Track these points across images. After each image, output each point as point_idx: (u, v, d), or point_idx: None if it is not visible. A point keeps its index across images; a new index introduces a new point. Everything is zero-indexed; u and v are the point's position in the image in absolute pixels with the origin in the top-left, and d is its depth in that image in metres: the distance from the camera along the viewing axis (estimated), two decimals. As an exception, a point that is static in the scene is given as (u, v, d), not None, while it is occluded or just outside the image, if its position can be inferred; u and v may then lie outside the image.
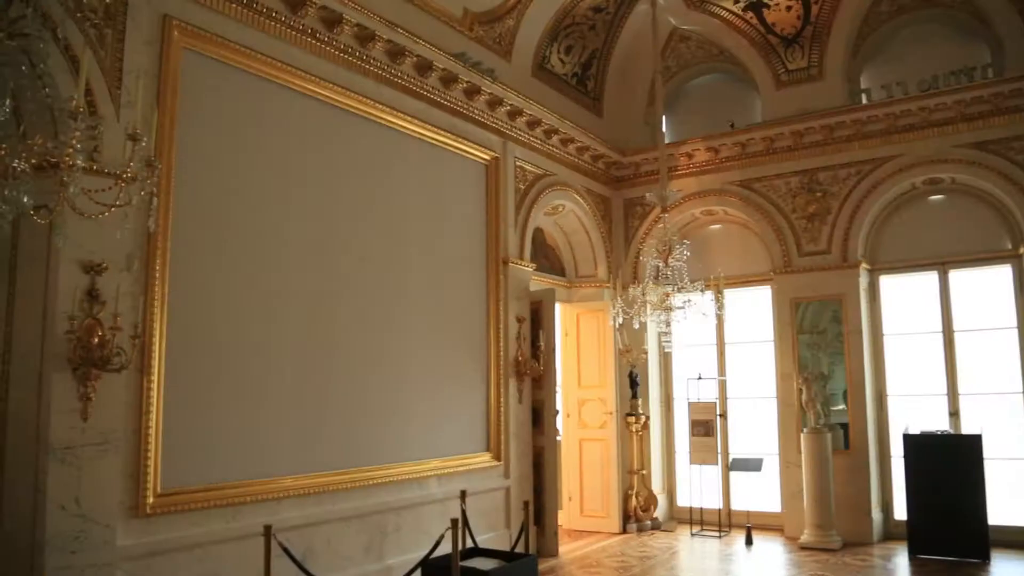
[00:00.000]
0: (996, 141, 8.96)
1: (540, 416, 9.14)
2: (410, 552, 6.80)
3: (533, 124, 9.22)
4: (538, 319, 9.19)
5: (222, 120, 5.82)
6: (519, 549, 7.12)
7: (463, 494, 7.10)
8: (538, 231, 10.07)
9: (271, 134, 6.20)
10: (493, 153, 8.70)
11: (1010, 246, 9.17)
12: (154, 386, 5.12)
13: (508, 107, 8.73)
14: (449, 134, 8.05)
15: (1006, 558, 8.24)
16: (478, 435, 8.24)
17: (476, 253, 8.46)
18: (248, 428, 5.79)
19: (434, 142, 7.90)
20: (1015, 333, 9.04)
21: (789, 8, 9.89)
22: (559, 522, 9.33)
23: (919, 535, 8.47)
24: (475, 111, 8.40)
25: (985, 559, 8.13)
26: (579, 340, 10.67)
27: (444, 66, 7.71)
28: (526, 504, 7.52)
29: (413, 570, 6.06)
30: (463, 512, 6.85)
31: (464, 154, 8.33)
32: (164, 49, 5.35)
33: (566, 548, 9.08)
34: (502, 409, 8.45)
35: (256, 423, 5.86)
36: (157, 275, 5.19)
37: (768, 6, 9.95)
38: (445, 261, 7.95)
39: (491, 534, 7.98)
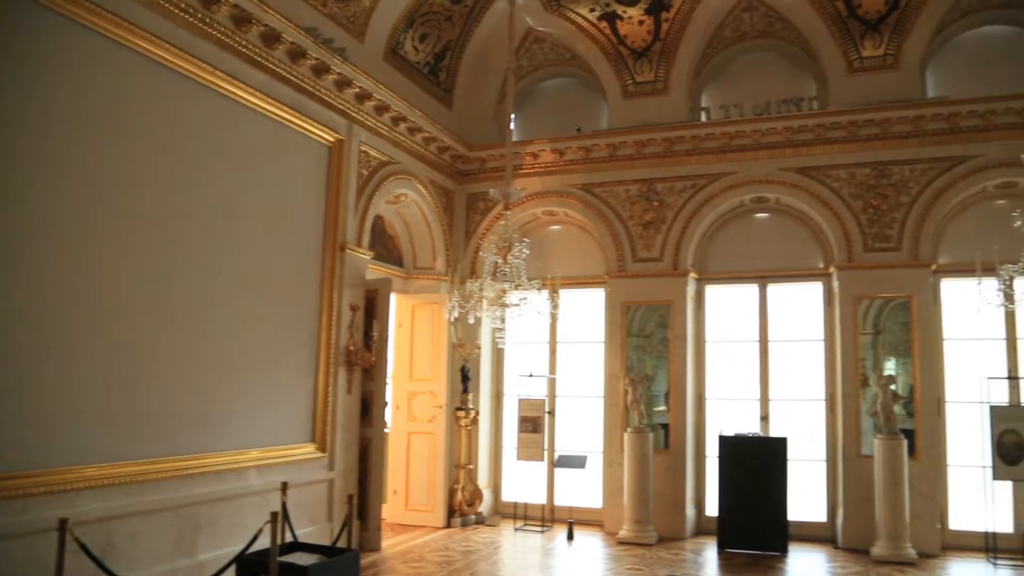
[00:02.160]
0: (816, 168, 9.67)
1: (369, 407, 8.93)
2: (225, 547, 6.43)
3: (381, 109, 9.00)
4: (373, 309, 8.98)
5: (39, 69, 5.22)
6: (341, 543, 6.93)
7: (284, 486, 6.80)
8: (378, 219, 9.86)
9: (97, 91, 5.64)
10: (338, 135, 8.40)
11: (822, 265, 9.93)
12: (-65, 361, 4.53)
13: (357, 89, 8.46)
14: (293, 111, 7.68)
15: (801, 550, 8.93)
16: (303, 425, 7.94)
17: (313, 236, 8.15)
18: (46, 412, 5.23)
19: (276, 118, 7.52)
20: (822, 345, 9.81)
21: (641, 23, 10.22)
22: (383, 516, 9.20)
23: (727, 530, 8.99)
24: (322, 90, 8.08)
25: (784, 552, 8.78)
26: (413, 332, 10.54)
27: (293, 40, 7.34)
28: (350, 497, 7.32)
29: (227, 566, 5.73)
30: (283, 505, 6.58)
31: (307, 133, 7.99)
32: (-30, -21, 4.75)
33: (389, 542, 8.94)
34: (330, 399, 8.18)
35: (56, 406, 5.30)
36: (-54, 236, 4.60)
37: (622, 18, 10.23)
38: (279, 242, 7.58)
39: (312, 528, 7.72)
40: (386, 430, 9.57)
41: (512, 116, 9.71)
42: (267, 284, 7.39)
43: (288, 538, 6.54)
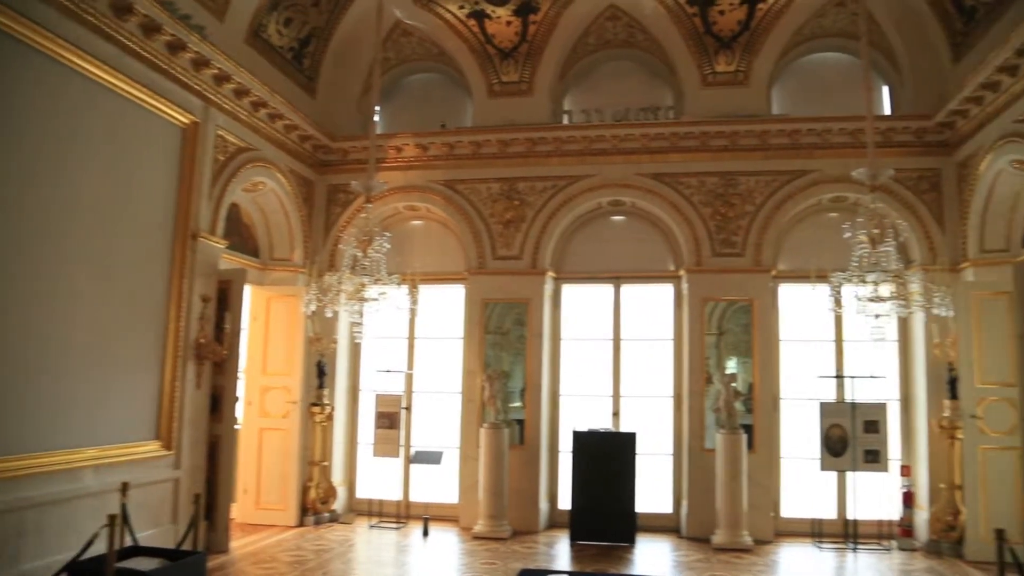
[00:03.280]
0: (670, 174, 10.12)
1: (219, 403, 8.57)
2: (55, 554, 5.97)
3: (241, 93, 8.64)
4: (226, 300, 8.63)
5: None
6: (187, 546, 6.64)
7: (124, 487, 6.39)
8: (234, 207, 9.48)
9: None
10: (193, 118, 8.00)
11: (673, 268, 10.40)
12: None
13: (215, 71, 8.08)
14: (145, 89, 7.24)
15: (648, 541, 9.31)
16: (147, 422, 7.51)
17: (163, 223, 7.72)
18: None
19: (126, 95, 7.05)
20: (671, 344, 10.27)
21: (509, 23, 10.33)
22: (232, 515, 8.87)
23: (579, 523, 9.26)
24: (177, 69, 7.65)
25: (632, 543, 9.14)
26: (268, 325, 10.19)
27: (147, 12, 6.91)
28: (196, 497, 7.03)
29: (57, 574, 5.35)
30: (123, 507, 6.18)
31: (160, 113, 7.56)
32: None
33: (239, 543, 8.62)
34: (177, 394, 7.78)
35: None
36: None
37: (490, 17, 10.30)
38: (125, 228, 7.12)
39: (155, 530, 7.31)
40: (237, 426, 9.20)
41: (377, 108, 9.57)
42: (110, 272, 6.93)
43: (128, 542, 6.18)
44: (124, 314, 7.14)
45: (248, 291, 9.59)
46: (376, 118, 9.82)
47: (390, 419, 10.09)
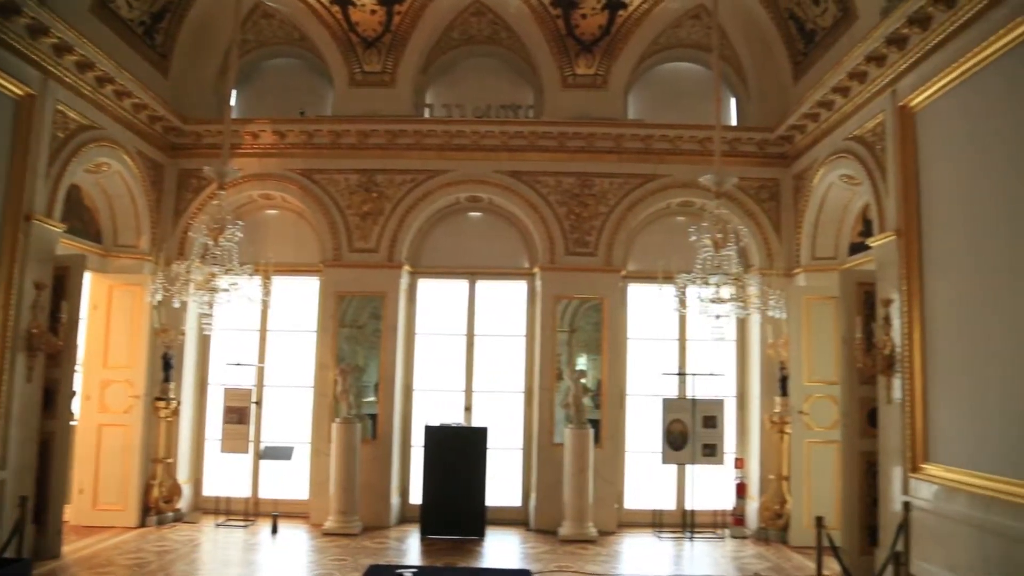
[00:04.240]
0: (528, 173, 10.33)
1: (54, 398, 8.05)
2: None
3: (84, 67, 8.10)
4: (63, 288, 8.11)
5: None
6: (11, 553, 6.23)
7: (-62, 490, 5.93)
8: (75, 189, 8.90)
9: None
10: (29, 90, 7.45)
11: (527, 265, 10.63)
12: None
13: (55, 40, 7.54)
14: (-26, 56, 6.68)
15: (498, 534, 9.51)
16: (-33, 419, 6.95)
17: (-8, 203, 7.15)
18: None
19: (-49, 62, 6.49)
20: (523, 341, 10.51)
21: (374, 12, 10.19)
22: (66, 518, 8.38)
23: (430, 517, 9.33)
24: (11, 35, 7.08)
25: (481, 536, 9.31)
26: (110, 315, 9.65)
27: (-27, -33, 6.38)
28: (23, 499, 6.58)
29: None
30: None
31: (-11, 82, 6.99)
32: None
33: (72, 547, 8.15)
34: (4, 388, 7.25)
35: None
36: None
37: (354, 4, 10.13)
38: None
39: (-24, 537, 6.78)
40: (73, 423, 8.65)
41: (233, 92, 9.22)
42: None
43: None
44: (-57, 303, 6.57)
45: (88, 278, 9.10)
46: (232, 102, 9.44)
47: (239, 414, 9.81)
